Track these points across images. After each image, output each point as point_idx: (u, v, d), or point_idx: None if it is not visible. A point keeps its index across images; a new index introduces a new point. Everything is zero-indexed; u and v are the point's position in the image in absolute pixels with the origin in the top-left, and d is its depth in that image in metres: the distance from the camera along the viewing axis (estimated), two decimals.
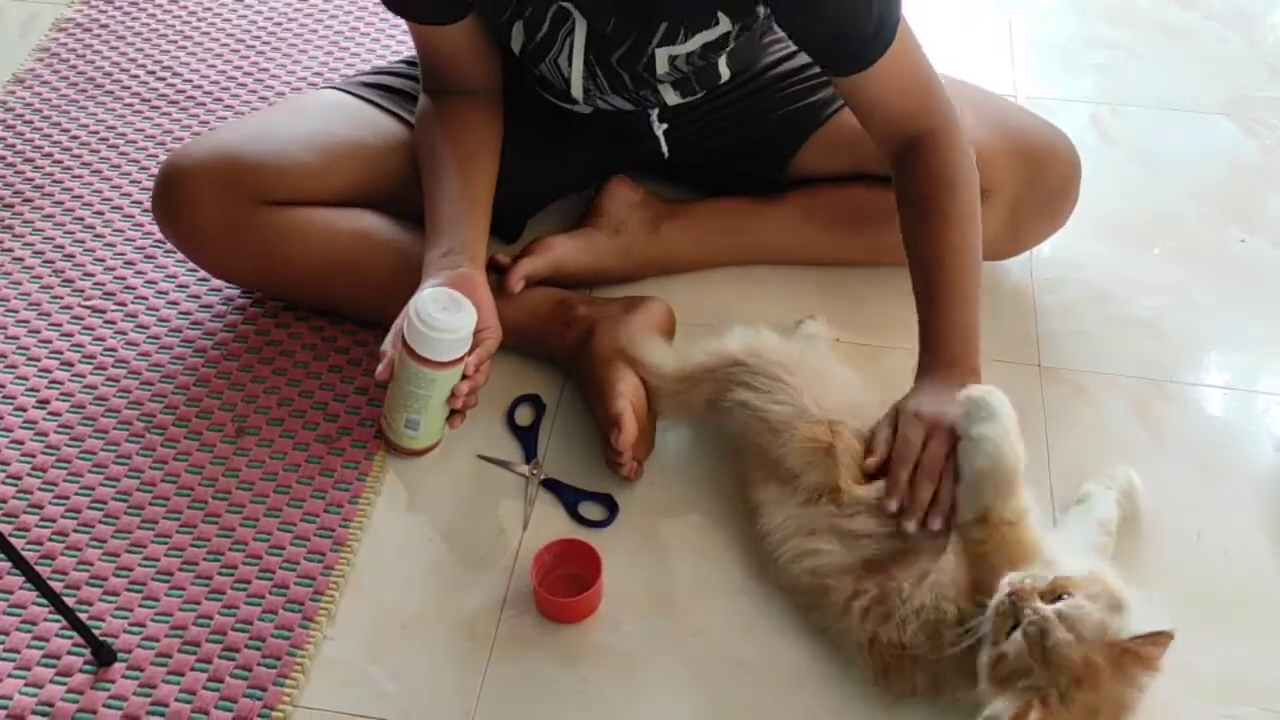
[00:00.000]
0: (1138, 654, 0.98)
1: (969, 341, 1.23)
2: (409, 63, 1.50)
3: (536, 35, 1.29)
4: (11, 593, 1.22)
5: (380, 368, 1.25)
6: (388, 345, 1.26)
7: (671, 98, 1.40)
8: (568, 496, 1.30)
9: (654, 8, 1.23)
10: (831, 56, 1.26)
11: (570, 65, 1.32)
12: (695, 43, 1.28)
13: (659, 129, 1.46)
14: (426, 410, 1.25)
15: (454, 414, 1.28)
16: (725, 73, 1.39)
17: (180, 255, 1.54)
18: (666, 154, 1.49)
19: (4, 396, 1.40)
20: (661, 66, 1.30)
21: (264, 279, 1.44)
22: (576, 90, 1.35)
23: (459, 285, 1.25)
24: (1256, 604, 1.23)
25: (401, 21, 1.89)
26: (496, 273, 1.39)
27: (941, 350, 1.23)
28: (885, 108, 1.28)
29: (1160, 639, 0.98)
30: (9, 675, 1.16)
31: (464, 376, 1.25)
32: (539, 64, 1.34)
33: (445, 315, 1.20)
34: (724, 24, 1.26)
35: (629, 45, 1.28)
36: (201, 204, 1.35)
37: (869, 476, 1.17)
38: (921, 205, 1.28)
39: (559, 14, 1.26)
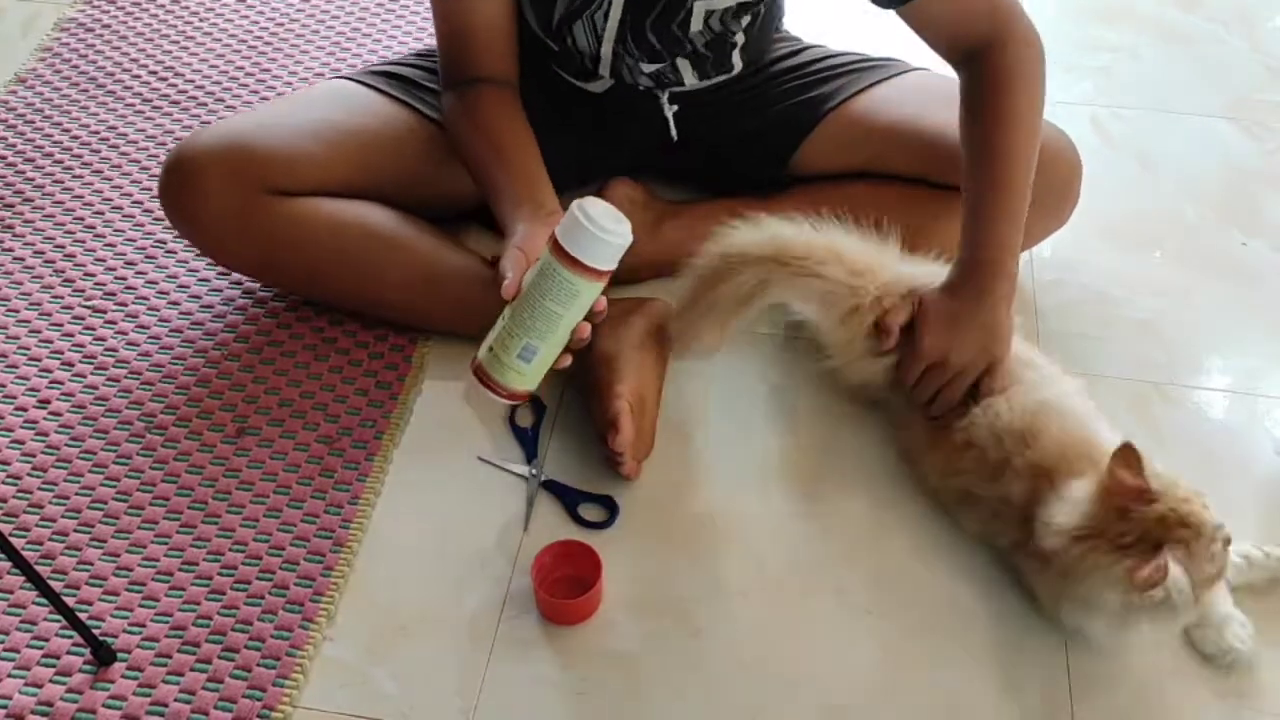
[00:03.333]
0: None
1: (1008, 247, 1.27)
2: (419, 55, 1.51)
3: None
4: (11, 592, 1.22)
5: (508, 283, 1.11)
6: (509, 268, 1.13)
7: (689, 78, 1.41)
8: (568, 498, 1.30)
9: None
10: None
11: (605, 22, 1.32)
12: None
13: (668, 110, 1.46)
14: (552, 335, 1.11)
15: (565, 352, 1.15)
16: (738, 63, 1.41)
17: (181, 256, 1.55)
18: (675, 136, 1.49)
19: (5, 396, 1.40)
20: (696, 23, 1.31)
21: (269, 269, 1.43)
22: (605, 50, 1.35)
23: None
24: (1257, 607, 1.23)
25: (402, 23, 1.92)
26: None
27: (978, 253, 1.27)
28: (950, 17, 1.28)
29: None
30: (9, 675, 1.16)
31: (588, 318, 1.14)
32: (572, 25, 1.34)
33: (610, 219, 1.08)
34: None
35: (667, 2, 1.29)
36: (210, 192, 1.35)
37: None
38: (977, 106, 1.29)
39: None
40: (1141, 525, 1.09)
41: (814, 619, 1.21)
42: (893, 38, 1.36)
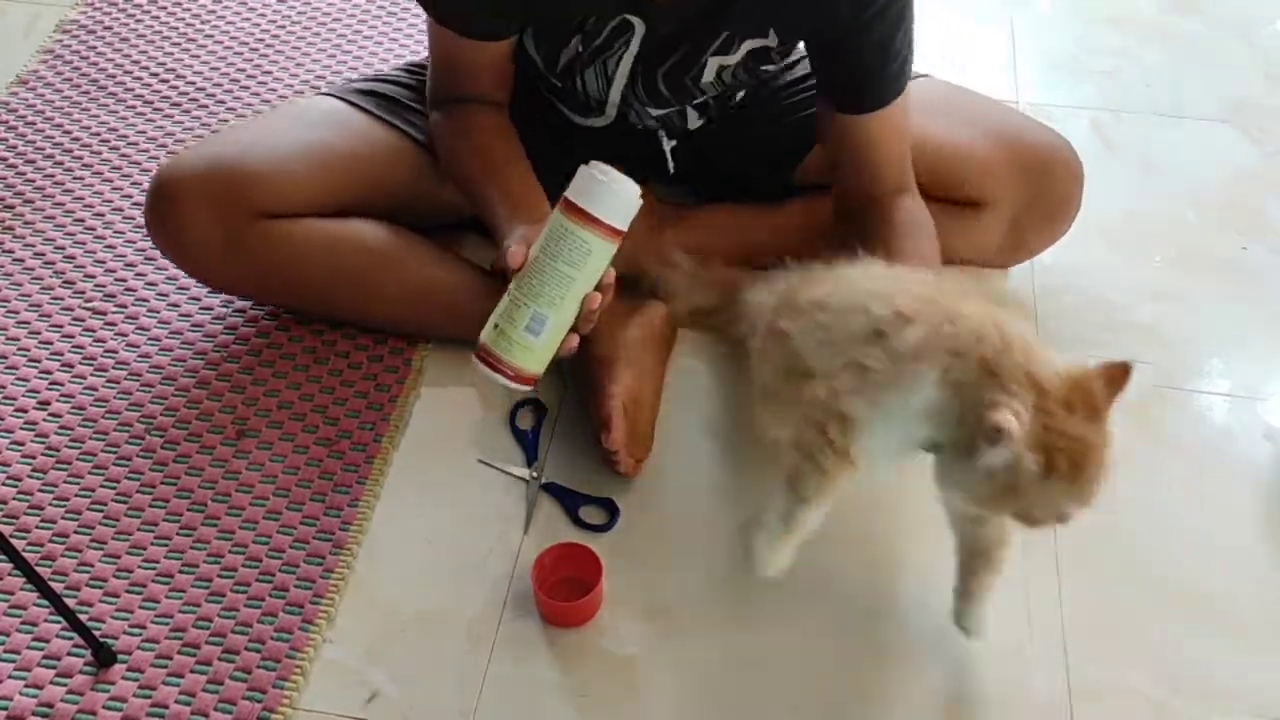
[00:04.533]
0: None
1: None
2: (408, 70, 1.49)
3: (592, 44, 1.29)
4: (12, 593, 1.22)
5: (514, 250, 1.07)
6: (513, 243, 1.10)
7: (693, 122, 1.42)
8: (568, 500, 1.30)
9: (721, 17, 1.24)
10: (855, 90, 1.28)
11: (616, 70, 1.31)
12: (742, 50, 1.28)
13: (667, 145, 1.46)
14: (563, 301, 1.07)
15: (573, 331, 1.11)
16: (738, 97, 1.43)
17: None
18: (672, 170, 1.49)
19: (4, 398, 1.40)
20: (709, 75, 1.31)
21: (264, 292, 1.43)
22: (614, 96, 1.35)
23: None
24: (1255, 610, 1.23)
25: (404, 26, 1.92)
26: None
27: None
28: (877, 155, 1.31)
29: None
30: (9, 676, 1.16)
31: (597, 288, 1.10)
32: (584, 71, 1.32)
33: (621, 177, 1.05)
34: (771, 39, 1.28)
35: (684, 52, 1.28)
36: (196, 218, 1.33)
37: None
38: (899, 248, 1.28)
39: (620, 25, 1.26)
40: None
41: (814, 620, 1.21)
42: None
